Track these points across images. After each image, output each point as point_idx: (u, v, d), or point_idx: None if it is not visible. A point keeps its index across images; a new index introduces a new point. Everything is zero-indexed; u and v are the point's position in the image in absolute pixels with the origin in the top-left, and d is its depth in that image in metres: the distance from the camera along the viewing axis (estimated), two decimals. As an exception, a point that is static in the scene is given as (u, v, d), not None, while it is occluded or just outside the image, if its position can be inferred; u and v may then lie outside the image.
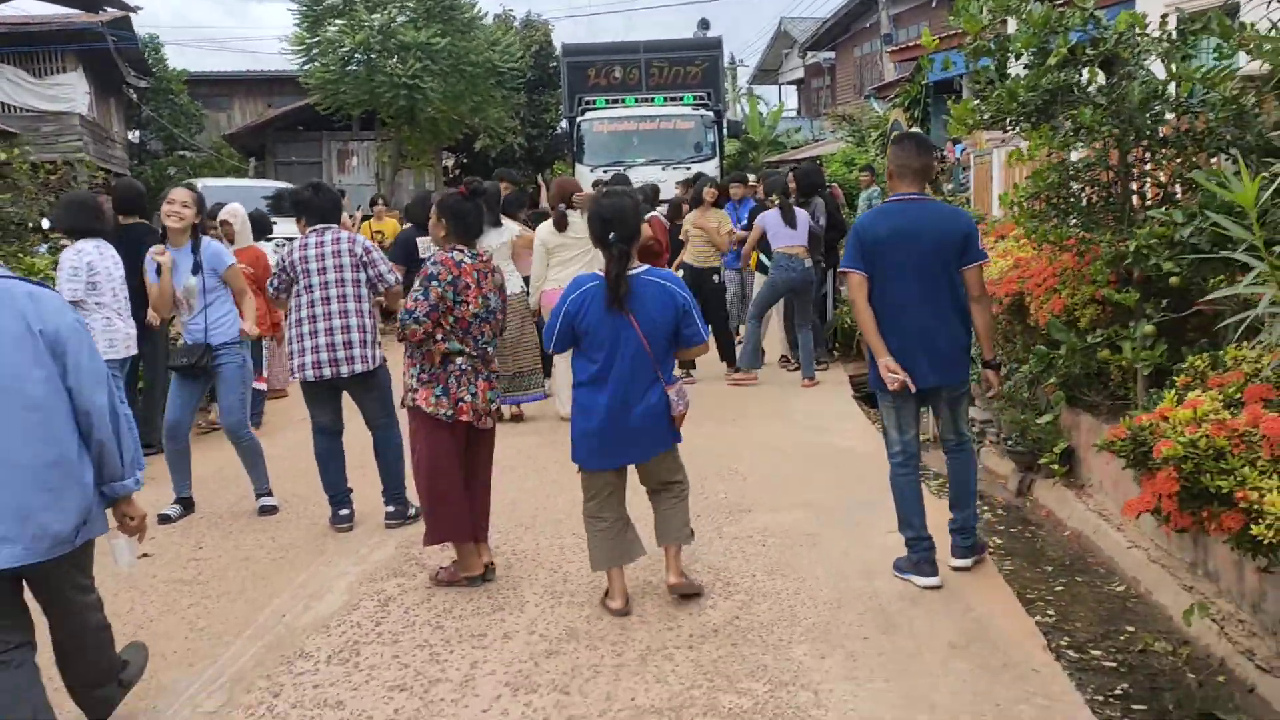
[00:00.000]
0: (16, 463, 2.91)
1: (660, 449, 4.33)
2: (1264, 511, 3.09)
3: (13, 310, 2.94)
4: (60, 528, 2.97)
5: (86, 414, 3.02)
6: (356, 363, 5.37)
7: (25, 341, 2.93)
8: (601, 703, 3.53)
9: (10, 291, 2.97)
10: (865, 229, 4.58)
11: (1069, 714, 3.41)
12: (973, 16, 4.98)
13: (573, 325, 4.20)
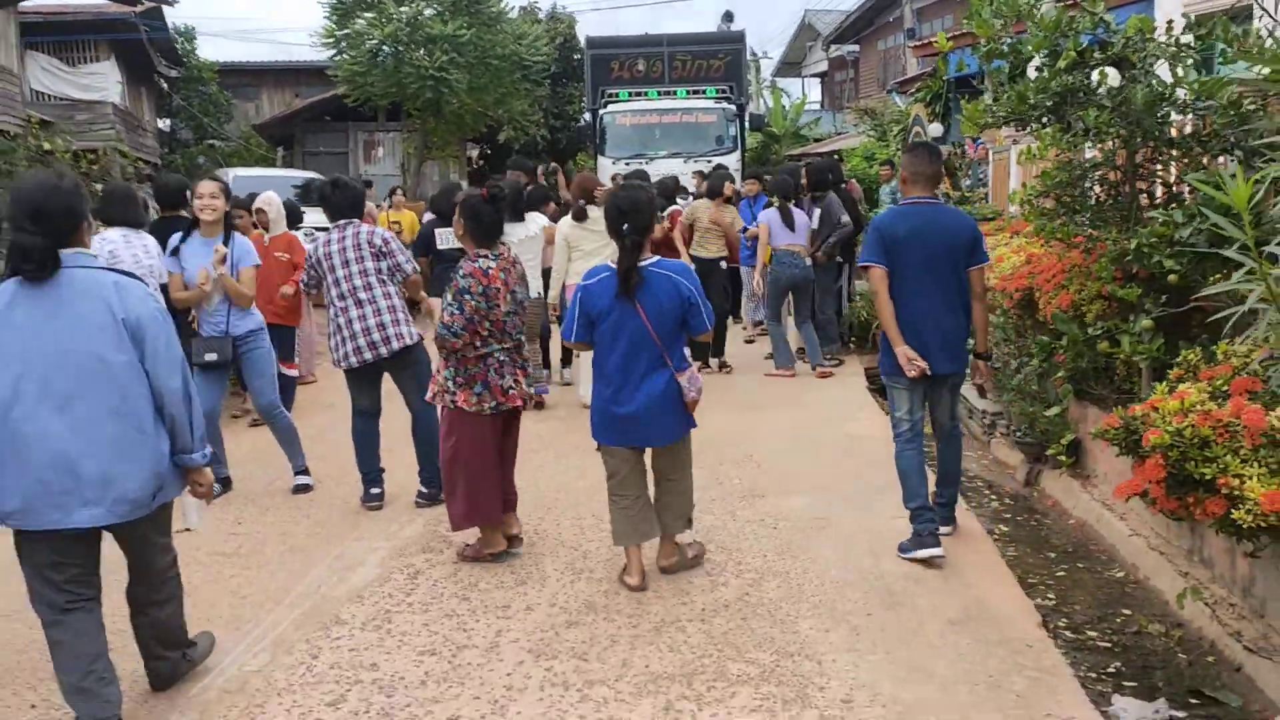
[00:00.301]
0: (101, 436, 3.24)
1: (671, 438, 4.55)
2: (1244, 497, 3.27)
3: (100, 299, 3.28)
4: (138, 494, 3.31)
5: (161, 394, 3.35)
6: (394, 341, 5.62)
7: (109, 328, 3.27)
8: (618, 669, 3.77)
9: (99, 281, 3.31)
10: (886, 227, 4.93)
11: (1057, 685, 3.62)
12: (984, 20, 5.16)
13: (587, 313, 4.44)
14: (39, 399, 3.21)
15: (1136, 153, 5.38)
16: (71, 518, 3.22)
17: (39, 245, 3.20)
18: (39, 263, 3.22)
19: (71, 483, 3.22)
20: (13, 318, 3.24)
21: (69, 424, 3.22)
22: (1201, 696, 3.85)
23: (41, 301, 3.25)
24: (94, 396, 3.24)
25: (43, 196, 3.27)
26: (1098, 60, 5.17)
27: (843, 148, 21.41)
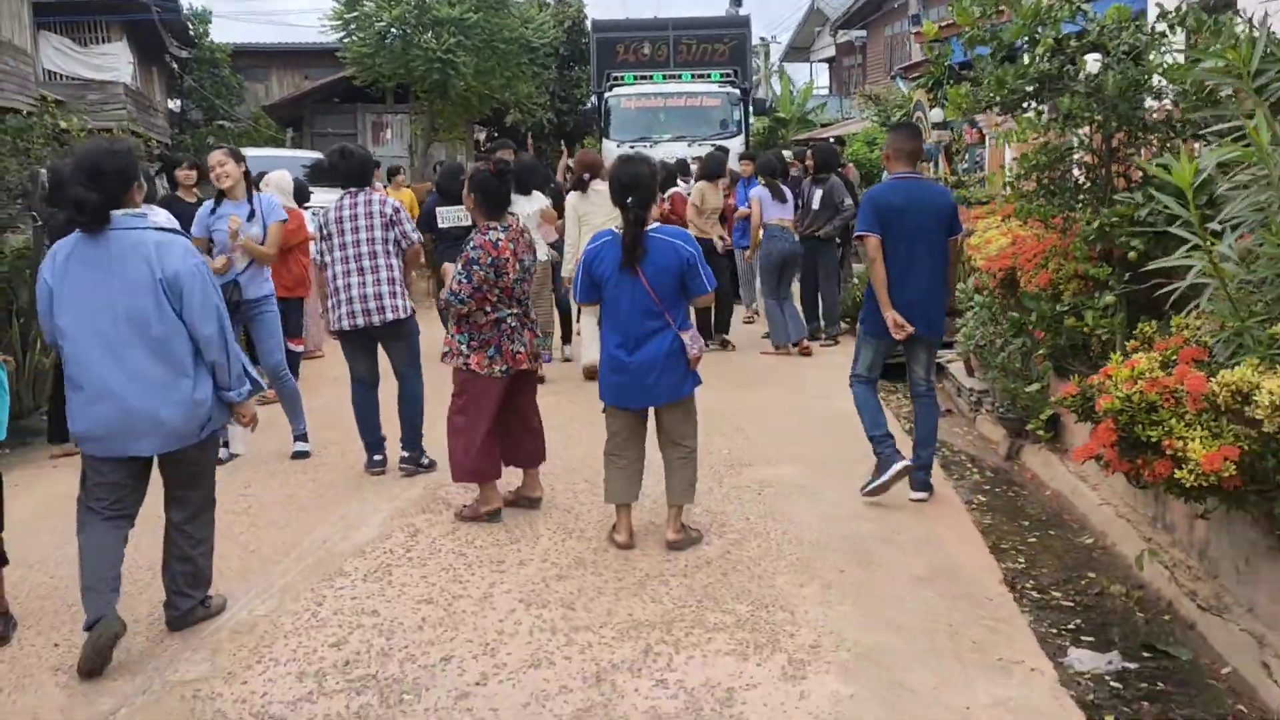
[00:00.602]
0: (149, 379, 3.69)
1: (677, 394, 4.78)
2: (1187, 458, 3.50)
3: (142, 257, 3.70)
4: (185, 428, 3.78)
5: (199, 341, 3.76)
6: (388, 312, 5.84)
7: (150, 285, 3.69)
8: (603, 616, 4.03)
9: (143, 240, 3.73)
10: (879, 198, 5.44)
11: (1012, 634, 3.88)
12: (965, 9, 5.37)
13: (591, 275, 4.73)
14: (93, 344, 3.67)
15: (1112, 137, 5.58)
16: (131, 447, 3.71)
17: (93, 201, 3.63)
18: (91, 216, 3.65)
19: (128, 419, 3.67)
20: (70, 270, 3.70)
21: (121, 368, 3.68)
22: (1154, 650, 4.08)
23: (95, 257, 3.69)
24: (140, 344, 3.68)
25: (100, 158, 3.69)
26: (1074, 48, 5.38)
27: (847, 133, 21.57)
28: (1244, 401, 3.34)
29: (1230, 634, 3.96)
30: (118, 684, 3.59)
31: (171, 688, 3.55)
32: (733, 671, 3.59)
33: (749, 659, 3.68)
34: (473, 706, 3.39)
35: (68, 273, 3.69)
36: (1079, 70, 5.49)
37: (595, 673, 3.60)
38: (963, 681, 3.52)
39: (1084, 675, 3.83)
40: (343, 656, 3.75)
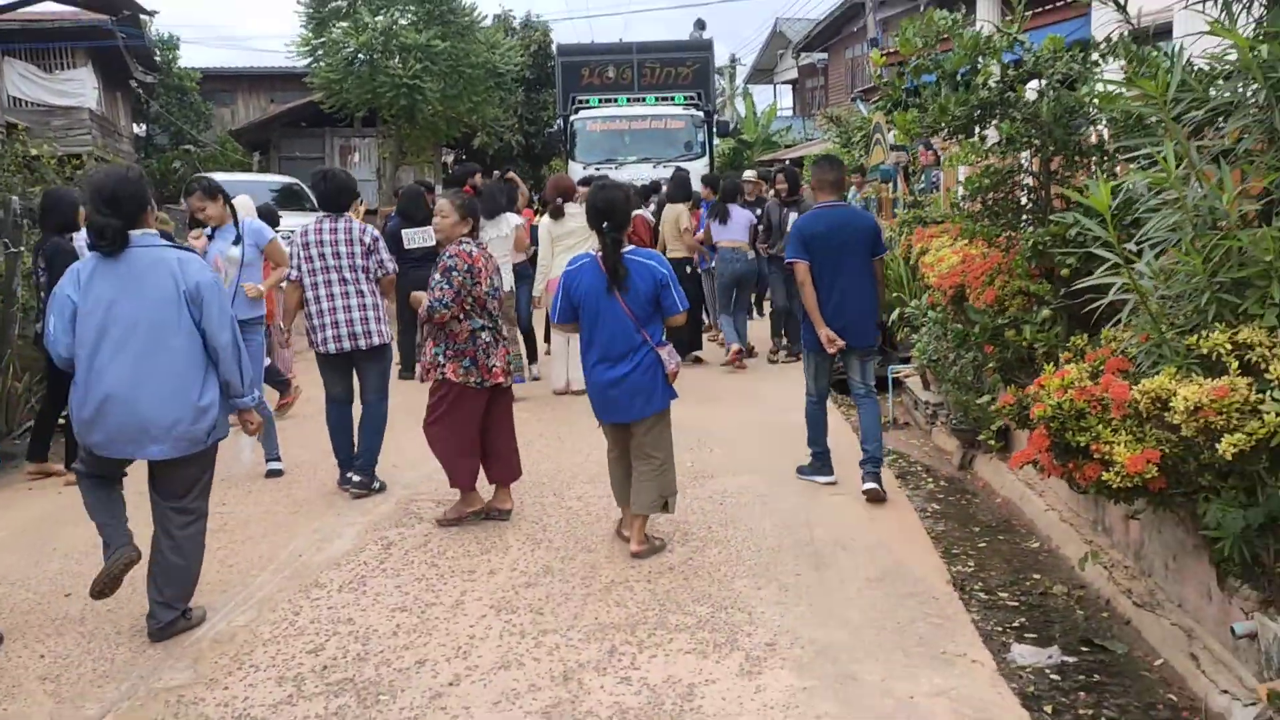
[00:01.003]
0: (166, 388, 3.96)
1: (653, 408, 5.03)
2: (1114, 461, 3.75)
3: (166, 273, 3.99)
4: (196, 433, 4.03)
5: (215, 350, 4.04)
6: (373, 337, 6.03)
7: (173, 297, 3.98)
8: (570, 620, 4.23)
9: (165, 258, 4.04)
10: (805, 228, 6.05)
11: (955, 630, 4.11)
12: (909, 40, 5.66)
13: (570, 297, 4.99)
14: (115, 355, 3.92)
15: (1050, 160, 5.88)
16: (143, 451, 3.98)
17: (113, 226, 3.91)
18: (112, 240, 3.93)
19: (142, 424, 3.93)
20: (93, 287, 3.96)
21: (140, 377, 3.93)
22: (1092, 645, 4.32)
23: (116, 274, 3.96)
24: (159, 354, 3.95)
25: (115, 185, 3.96)
26: (1012, 76, 5.67)
27: (809, 154, 21.95)
28: (1163, 408, 3.59)
29: (1162, 628, 4.22)
30: (103, 690, 3.74)
31: (156, 694, 3.70)
32: (693, 669, 3.80)
33: (709, 657, 3.89)
34: (446, 705, 3.57)
35: (91, 289, 3.96)
36: (1018, 97, 5.78)
37: (563, 672, 3.79)
38: (908, 673, 3.75)
39: (1026, 669, 4.06)
40: (320, 662, 3.92)
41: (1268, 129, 3.80)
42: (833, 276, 5.91)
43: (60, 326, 3.99)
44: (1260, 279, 3.56)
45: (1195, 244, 3.69)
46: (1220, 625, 3.84)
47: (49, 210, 6.62)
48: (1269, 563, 3.62)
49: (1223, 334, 3.56)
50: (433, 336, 5.37)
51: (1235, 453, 3.31)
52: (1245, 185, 3.89)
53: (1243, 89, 3.98)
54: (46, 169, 9.47)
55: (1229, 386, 3.36)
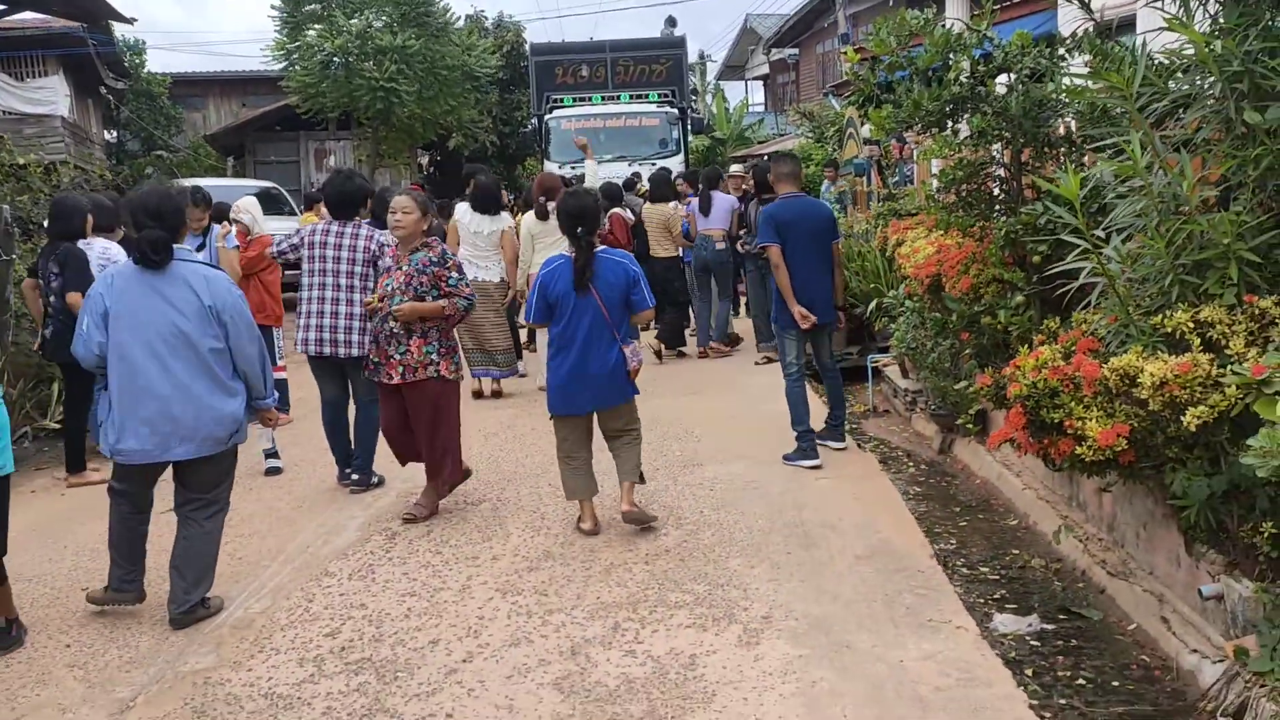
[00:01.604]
0: (195, 393, 4.20)
1: (620, 399, 5.32)
2: (1085, 436, 3.97)
3: (192, 286, 4.24)
4: (220, 435, 4.28)
5: (240, 359, 4.31)
6: (354, 348, 6.04)
7: (199, 311, 4.23)
8: (573, 600, 4.43)
9: (196, 272, 4.29)
10: (776, 215, 6.64)
11: (940, 600, 4.34)
12: (882, 40, 5.88)
13: (545, 297, 5.15)
14: (147, 360, 4.15)
15: (1021, 152, 6.11)
16: (170, 453, 4.20)
17: (163, 239, 4.18)
18: (164, 252, 4.19)
19: (171, 426, 4.15)
20: (128, 294, 4.20)
21: (168, 378, 4.17)
22: (1069, 613, 4.55)
23: (150, 282, 4.22)
24: (185, 358, 4.19)
25: (159, 201, 4.24)
26: (983, 71, 5.89)
27: (782, 149, 22.19)
28: (1131, 384, 3.81)
29: (1135, 595, 4.45)
30: (131, 675, 3.91)
31: (183, 677, 3.87)
32: (694, 641, 4.00)
33: (708, 630, 4.09)
34: (462, 680, 3.76)
35: (125, 294, 4.18)
36: (988, 92, 6.00)
37: (570, 648, 3.98)
38: (897, 640, 3.96)
39: (1007, 636, 4.28)
40: (338, 644, 4.10)
41: (1224, 119, 4.03)
42: (802, 259, 6.55)
43: (93, 324, 4.19)
44: (1219, 261, 3.79)
45: (1159, 229, 3.92)
46: (1189, 589, 4.08)
47: (60, 217, 6.72)
48: (1233, 528, 3.85)
49: (1185, 313, 3.78)
50: (425, 334, 5.53)
51: (1199, 424, 3.53)
52: (1205, 173, 4.12)
53: (1200, 81, 4.21)
54: (33, 177, 9.54)
55: (1192, 362, 3.59)
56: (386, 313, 5.49)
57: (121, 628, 4.33)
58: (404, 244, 5.57)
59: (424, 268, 5.50)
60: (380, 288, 5.58)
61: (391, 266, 5.59)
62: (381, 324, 5.53)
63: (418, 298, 5.47)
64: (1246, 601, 3.57)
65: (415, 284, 5.48)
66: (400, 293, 5.45)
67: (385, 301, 5.49)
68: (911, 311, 8.08)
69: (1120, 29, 6.40)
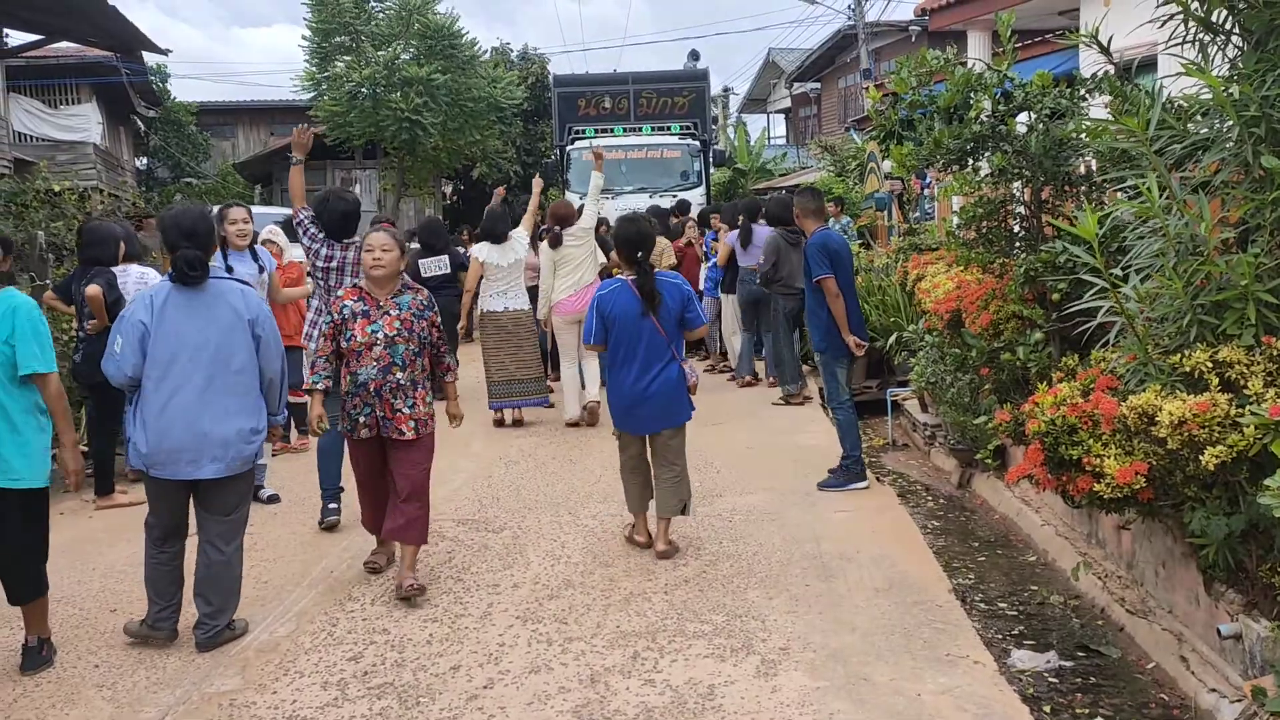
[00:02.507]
0: (228, 408, 4.29)
1: (679, 419, 5.54)
2: (1104, 474, 4.00)
3: (230, 304, 4.38)
4: (248, 454, 4.37)
5: (267, 375, 4.42)
6: None
7: (238, 326, 4.36)
8: (593, 629, 4.47)
9: (230, 288, 4.44)
10: (828, 245, 6.76)
11: (958, 634, 4.35)
12: (903, 80, 5.97)
13: (604, 319, 5.40)
14: (185, 378, 4.25)
15: (1041, 190, 6.16)
16: (201, 470, 4.27)
17: (199, 257, 4.30)
18: (202, 269, 4.31)
19: (204, 444, 4.23)
20: (166, 314, 4.29)
21: (206, 399, 4.26)
22: (1087, 650, 4.57)
23: (189, 303, 4.33)
24: (222, 377, 4.29)
25: (194, 221, 4.36)
26: (1004, 110, 5.96)
27: (803, 182, 22.29)
28: (1150, 422, 3.85)
29: (1154, 633, 4.46)
30: (158, 696, 3.97)
31: (209, 698, 3.93)
32: (712, 671, 4.03)
33: (726, 661, 4.12)
34: (483, 706, 3.81)
35: (165, 315, 4.28)
36: (1009, 131, 6.07)
37: (590, 675, 4.03)
38: (914, 674, 3.98)
39: (1025, 672, 4.31)
40: (361, 668, 4.15)
41: (1243, 162, 4.08)
42: (848, 290, 6.77)
43: (130, 348, 4.27)
44: (1238, 302, 3.82)
45: (1177, 269, 3.97)
46: (1208, 628, 4.09)
47: (93, 244, 6.86)
48: (1252, 567, 3.87)
49: (1204, 353, 3.82)
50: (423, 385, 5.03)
51: (1217, 464, 3.56)
52: (1224, 214, 4.17)
53: (1219, 125, 4.27)
54: (67, 204, 9.73)
55: (1210, 402, 3.62)
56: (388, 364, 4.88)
57: (149, 649, 4.40)
58: (381, 284, 4.94)
59: (419, 312, 4.99)
60: (359, 334, 4.88)
61: (357, 311, 4.92)
62: (381, 376, 4.86)
63: (422, 346, 4.98)
64: (1264, 641, 3.58)
65: (418, 331, 4.97)
66: (402, 340, 4.89)
67: (383, 351, 4.87)
68: (931, 346, 8.11)
69: (1141, 68, 6.47)
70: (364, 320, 4.89)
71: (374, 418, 4.89)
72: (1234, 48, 4.44)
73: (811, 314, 7.04)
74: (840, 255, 6.74)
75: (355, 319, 4.90)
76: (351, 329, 4.89)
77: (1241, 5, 4.15)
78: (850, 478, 6.74)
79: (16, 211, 9.18)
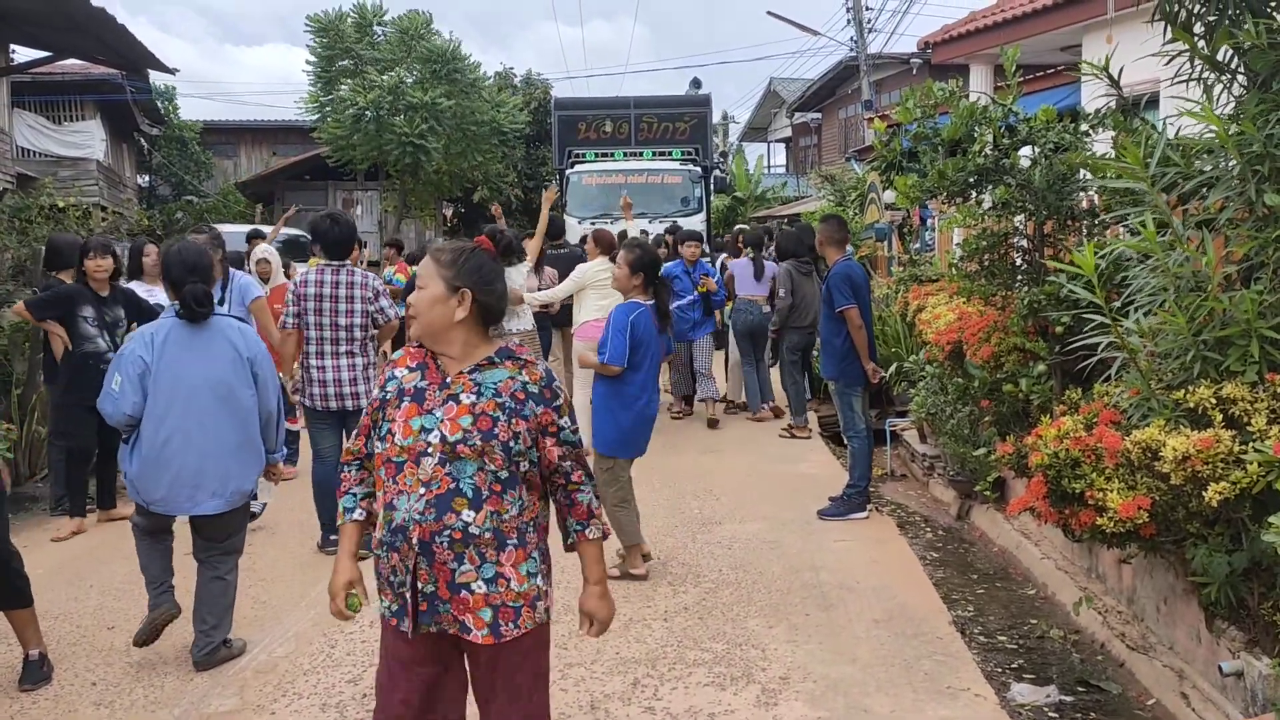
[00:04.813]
0: (227, 444, 4.28)
1: None
2: (1106, 508, 4.01)
3: (229, 341, 4.35)
4: (247, 488, 4.38)
5: (264, 412, 4.41)
6: (361, 399, 5.84)
7: (237, 363, 4.34)
8: (592, 655, 4.45)
9: (229, 325, 4.43)
10: (853, 276, 6.91)
11: (959, 667, 4.35)
12: (908, 110, 6.01)
13: (634, 340, 5.53)
14: (185, 414, 4.22)
15: (1044, 224, 6.20)
16: (199, 506, 4.27)
17: (208, 293, 4.29)
18: (209, 305, 4.29)
19: (203, 479, 4.22)
20: (167, 350, 4.25)
21: (206, 435, 4.24)
22: (1088, 685, 4.55)
23: (188, 339, 4.30)
24: (224, 415, 4.27)
25: (195, 256, 4.33)
26: (1007, 144, 6.01)
27: (804, 211, 22.39)
28: (1153, 457, 3.85)
29: (1155, 670, 4.45)
30: (156, 715, 3.95)
31: (207, 718, 3.91)
32: (713, 700, 4.02)
33: (726, 689, 4.11)
34: (482, 731, 3.78)
35: (165, 353, 4.24)
36: (1013, 164, 6.11)
37: (589, 702, 4.01)
38: (915, 706, 3.97)
39: (1025, 706, 4.29)
40: (359, 690, 4.13)
41: (1247, 200, 4.11)
42: (868, 320, 6.94)
43: (130, 385, 4.20)
44: (1241, 338, 3.84)
45: (1180, 305, 3.99)
46: (1209, 666, 4.08)
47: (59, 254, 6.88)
48: (1254, 605, 3.87)
49: (1207, 389, 3.83)
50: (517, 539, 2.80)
51: (1220, 500, 3.57)
52: (1228, 251, 4.20)
53: (1223, 163, 4.30)
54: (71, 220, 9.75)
55: (1214, 438, 3.63)
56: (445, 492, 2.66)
57: (147, 668, 4.39)
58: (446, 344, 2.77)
59: (518, 405, 2.74)
60: (399, 432, 2.70)
61: (407, 389, 2.75)
62: (433, 516, 2.65)
63: (514, 463, 2.72)
64: (1266, 679, 3.58)
65: (507, 438, 2.70)
66: (473, 453, 2.66)
67: (436, 468, 2.67)
68: (932, 377, 8.13)
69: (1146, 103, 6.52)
70: (413, 408, 2.71)
71: (417, 594, 2.72)
72: (1239, 86, 4.48)
73: (826, 343, 7.05)
74: (862, 286, 6.91)
75: (401, 401, 2.73)
76: (392, 417, 2.73)
77: (1247, 45, 4.19)
78: (851, 507, 6.75)
79: (20, 227, 9.20)
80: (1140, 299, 4.16)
